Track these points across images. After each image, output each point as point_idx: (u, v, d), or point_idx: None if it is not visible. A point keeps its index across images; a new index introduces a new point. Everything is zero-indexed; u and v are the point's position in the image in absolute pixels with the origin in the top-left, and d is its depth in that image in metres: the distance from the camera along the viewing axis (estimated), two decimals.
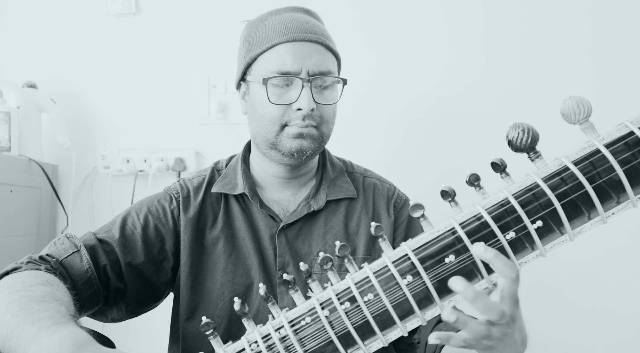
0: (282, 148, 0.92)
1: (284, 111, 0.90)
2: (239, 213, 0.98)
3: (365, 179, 1.06)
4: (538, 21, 1.57)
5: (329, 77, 0.92)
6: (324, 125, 0.93)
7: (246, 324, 0.60)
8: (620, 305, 1.49)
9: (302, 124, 0.90)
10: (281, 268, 0.94)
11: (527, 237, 0.53)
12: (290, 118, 0.90)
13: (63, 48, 1.72)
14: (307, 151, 0.92)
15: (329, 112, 0.94)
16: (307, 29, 0.91)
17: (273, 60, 0.90)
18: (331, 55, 0.94)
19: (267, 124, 0.92)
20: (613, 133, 0.51)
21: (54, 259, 0.82)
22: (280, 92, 0.90)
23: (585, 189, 0.51)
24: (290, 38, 0.90)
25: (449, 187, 0.55)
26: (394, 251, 0.56)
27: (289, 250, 0.95)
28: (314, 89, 0.90)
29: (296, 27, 0.91)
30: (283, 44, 0.90)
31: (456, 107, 1.59)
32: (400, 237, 0.99)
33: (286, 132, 0.91)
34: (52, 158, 1.70)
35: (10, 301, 0.64)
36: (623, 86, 1.51)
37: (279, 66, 0.89)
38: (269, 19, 0.94)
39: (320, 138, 0.93)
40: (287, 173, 0.98)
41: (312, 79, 0.89)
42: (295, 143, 0.91)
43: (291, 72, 0.89)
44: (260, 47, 0.92)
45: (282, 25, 0.91)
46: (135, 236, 0.92)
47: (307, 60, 0.89)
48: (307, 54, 0.90)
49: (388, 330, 0.56)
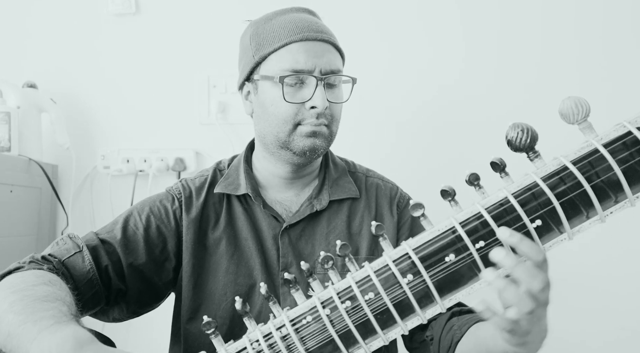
0: (294, 146, 0.92)
1: (298, 109, 0.90)
2: (242, 213, 0.98)
3: (367, 179, 1.06)
4: (538, 21, 1.57)
5: (341, 75, 0.93)
6: (334, 123, 0.95)
7: (247, 323, 0.60)
8: (620, 306, 1.50)
9: (315, 122, 0.90)
10: (284, 268, 0.94)
11: (527, 236, 0.53)
12: (304, 117, 0.91)
13: (63, 48, 1.72)
14: (319, 149, 0.92)
15: (338, 110, 0.96)
16: (317, 28, 0.92)
17: (285, 58, 0.90)
18: (338, 54, 0.96)
19: (279, 123, 0.92)
20: (611, 133, 0.51)
21: (56, 259, 0.82)
22: (294, 91, 0.91)
23: (584, 188, 0.51)
24: (303, 37, 0.90)
25: (449, 186, 0.56)
26: (395, 250, 0.57)
27: (292, 251, 0.95)
28: (326, 88, 0.91)
29: (307, 27, 0.91)
30: (296, 42, 0.90)
31: (462, 109, 1.59)
32: (404, 237, 0.99)
33: (299, 131, 0.91)
34: (52, 158, 1.70)
35: (12, 301, 0.64)
36: (622, 86, 1.51)
37: (292, 65, 0.89)
38: (275, 19, 0.94)
39: (330, 136, 0.94)
40: (292, 173, 0.98)
41: (325, 78, 0.90)
42: (308, 141, 0.91)
43: (305, 70, 0.89)
44: (272, 45, 0.92)
45: (292, 24, 0.92)
46: (137, 236, 0.92)
47: (320, 58, 0.90)
48: (320, 52, 0.90)
49: (389, 329, 0.57)
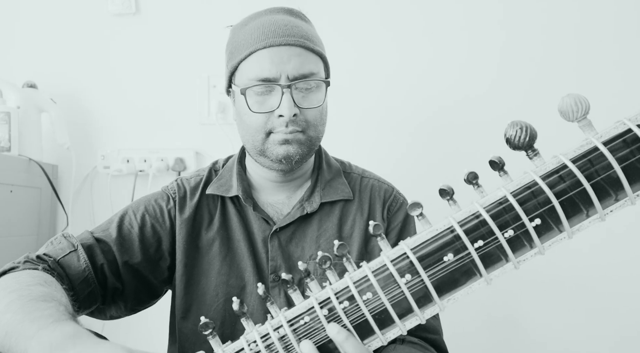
0: (270, 154, 0.90)
1: (267, 118, 0.88)
2: (235, 214, 0.97)
3: (362, 180, 1.04)
4: (539, 19, 1.56)
5: (310, 80, 0.89)
6: (311, 129, 0.91)
7: (245, 324, 0.60)
8: (620, 306, 1.49)
9: (286, 130, 0.88)
10: (273, 271, 0.94)
11: (526, 235, 0.53)
12: (274, 125, 0.88)
13: (63, 48, 1.72)
14: (295, 156, 0.90)
15: (315, 115, 0.91)
16: (284, 32, 0.89)
17: (252, 67, 0.88)
18: (314, 56, 0.91)
19: (252, 132, 0.90)
20: (611, 131, 0.51)
21: (51, 258, 0.82)
22: (262, 100, 0.89)
23: (584, 186, 0.51)
24: (267, 43, 0.87)
25: (447, 186, 0.55)
26: (393, 250, 0.56)
27: (281, 254, 0.95)
28: (296, 94, 0.88)
29: (273, 31, 0.88)
30: (260, 50, 0.88)
31: (461, 108, 1.58)
32: (391, 243, 0.97)
33: (272, 139, 0.89)
34: (52, 158, 1.70)
35: (9, 301, 0.64)
36: (622, 83, 1.51)
37: (258, 73, 0.87)
38: (249, 24, 0.92)
39: (308, 142, 0.91)
40: (280, 177, 0.97)
41: (294, 84, 0.87)
42: (281, 149, 0.89)
43: (270, 78, 0.87)
44: (240, 55, 0.90)
45: (259, 31, 0.89)
46: (132, 235, 0.92)
47: (285, 65, 0.87)
48: (286, 58, 0.87)
49: (387, 329, 0.56)
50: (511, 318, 1.53)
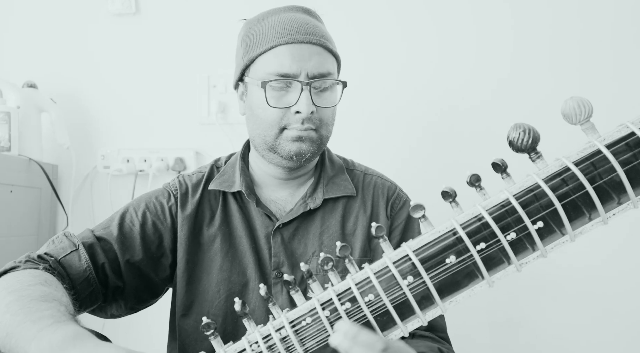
0: (281, 151, 0.91)
1: (283, 114, 0.89)
2: (237, 211, 0.97)
3: (365, 177, 1.04)
4: (545, 23, 1.56)
5: (329, 80, 0.91)
6: (323, 128, 0.92)
7: (246, 324, 0.59)
8: (622, 309, 1.49)
9: (301, 127, 0.89)
10: (276, 268, 0.94)
11: (528, 237, 0.53)
12: (289, 121, 0.89)
13: (63, 48, 1.72)
14: (307, 154, 0.91)
15: (328, 114, 0.93)
16: (306, 30, 0.90)
17: (271, 62, 0.89)
18: (331, 56, 0.93)
19: (265, 127, 0.91)
20: (614, 134, 0.51)
21: (52, 258, 0.82)
22: (279, 95, 0.89)
23: (586, 189, 0.51)
24: (289, 40, 0.88)
25: (450, 187, 0.55)
26: (395, 252, 0.56)
27: (283, 250, 0.95)
28: (313, 92, 0.89)
29: (295, 29, 0.89)
30: (282, 46, 0.88)
31: (466, 112, 1.58)
32: (395, 240, 0.98)
33: (285, 135, 0.90)
34: (52, 158, 1.70)
35: (9, 301, 0.64)
36: (625, 86, 1.51)
37: (277, 68, 0.88)
38: (267, 19, 0.93)
39: (319, 140, 0.92)
40: (285, 174, 0.98)
41: (312, 82, 0.88)
42: (294, 146, 0.90)
43: (290, 74, 0.88)
44: (259, 48, 0.90)
45: (280, 26, 0.90)
46: (133, 233, 0.92)
47: (306, 62, 0.88)
48: (307, 56, 0.88)
49: (388, 331, 0.56)
50: (513, 321, 1.52)
